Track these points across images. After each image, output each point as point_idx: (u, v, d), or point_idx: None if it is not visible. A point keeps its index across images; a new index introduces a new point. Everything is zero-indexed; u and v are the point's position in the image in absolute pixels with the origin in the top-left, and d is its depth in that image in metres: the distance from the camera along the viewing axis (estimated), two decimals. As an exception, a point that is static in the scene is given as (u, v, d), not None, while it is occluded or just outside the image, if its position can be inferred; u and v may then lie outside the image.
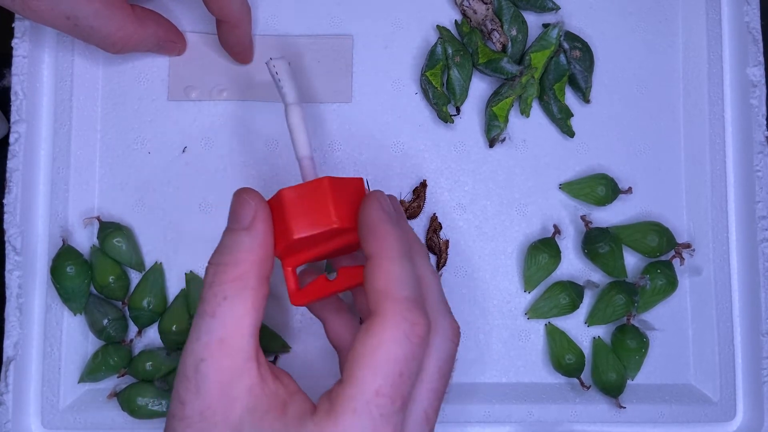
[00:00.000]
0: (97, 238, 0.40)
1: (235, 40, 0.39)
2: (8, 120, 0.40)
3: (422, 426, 0.28)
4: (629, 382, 0.41)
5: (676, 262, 0.41)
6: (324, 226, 0.29)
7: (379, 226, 0.28)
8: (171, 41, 0.40)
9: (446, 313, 0.29)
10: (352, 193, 0.31)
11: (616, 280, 0.41)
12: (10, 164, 0.39)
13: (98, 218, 0.40)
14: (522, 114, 0.42)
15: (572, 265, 0.42)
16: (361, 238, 0.29)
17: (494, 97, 0.41)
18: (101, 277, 0.39)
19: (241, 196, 0.30)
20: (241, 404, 0.27)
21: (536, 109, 0.42)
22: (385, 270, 0.27)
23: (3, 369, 0.38)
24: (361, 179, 0.32)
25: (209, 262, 0.29)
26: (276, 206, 0.30)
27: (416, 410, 0.27)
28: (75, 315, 0.40)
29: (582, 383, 0.40)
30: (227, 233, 0.30)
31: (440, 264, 0.41)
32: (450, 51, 0.41)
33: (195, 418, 0.27)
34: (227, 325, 0.27)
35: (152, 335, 0.41)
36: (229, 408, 0.27)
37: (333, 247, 0.31)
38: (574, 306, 0.40)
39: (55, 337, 0.40)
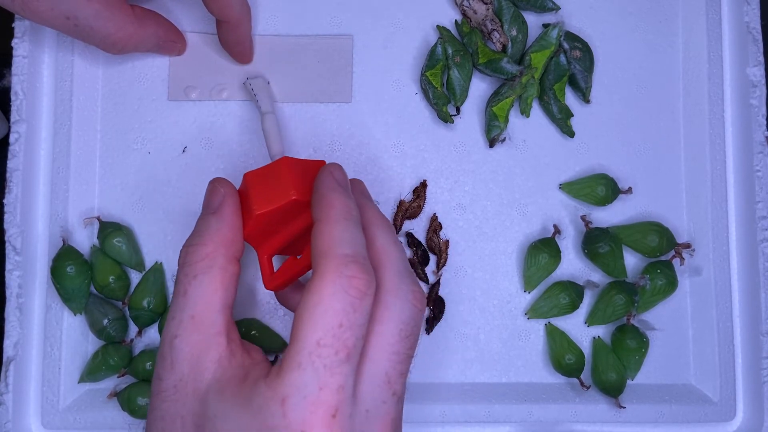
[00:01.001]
0: (97, 238, 0.40)
1: (235, 40, 0.39)
2: (8, 120, 0.40)
3: (383, 387, 0.28)
4: (629, 382, 0.41)
5: (676, 262, 0.41)
6: (283, 199, 0.31)
7: (327, 193, 0.30)
8: (171, 41, 0.40)
9: (408, 279, 0.30)
10: (315, 173, 0.32)
11: (616, 280, 0.41)
12: (10, 164, 0.39)
13: (98, 218, 0.40)
14: (522, 114, 0.42)
15: (572, 265, 0.42)
16: (311, 206, 0.30)
17: (494, 97, 0.41)
18: (101, 277, 0.39)
19: (212, 184, 0.33)
20: (209, 374, 0.28)
21: (536, 109, 0.42)
22: (326, 232, 0.28)
23: (3, 369, 0.38)
24: (323, 162, 0.33)
25: (183, 246, 0.31)
26: (243, 190, 0.32)
27: (375, 370, 0.28)
28: (75, 315, 0.40)
29: (582, 383, 0.40)
30: (199, 219, 0.32)
31: (440, 264, 0.41)
32: (450, 51, 0.41)
33: (170, 391, 0.28)
34: (197, 303, 0.29)
35: (152, 335, 0.41)
36: (198, 379, 0.28)
37: (302, 226, 0.32)
38: (574, 306, 0.40)
39: (55, 337, 0.40)
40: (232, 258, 0.30)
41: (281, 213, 0.32)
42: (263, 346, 0.39)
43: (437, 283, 0.41)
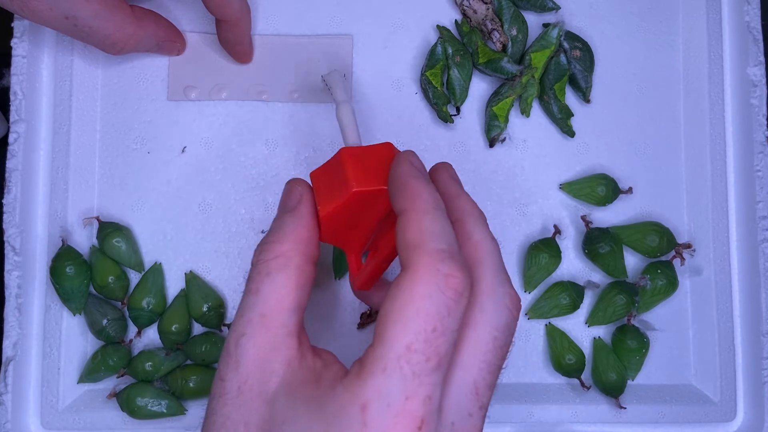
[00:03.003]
0: (97, 238, 0.40)
1: (234, 39, 0.39)
2: (7, 120, 0.40)
3: (469, 398, 0.25)
4: (630, 382, 0.41)
5: (676, 262, 0.41)
6: (344, 194, 0.29)
7: (409, 181, 0.27)
8: (170, 41, 0.40)
9: (505, 280, 0.27)
10: (380, 158, 0.30)
11: (616, 281, 0.41)
12: (9, 164, 0.39)
13: (98, 218, 0.40)
14: (522, 114, 0.42)
15: (572, 265, 0.42)
16: (391, 196, 0.28)
17: (494, 97, 0.41)
18: (101, 277, 0.39)
19: (289, 184, 0.31)
20: (277, 378, 0.26)
21: (536, 109, 0.42)
22: (415, 223, 0.26)
23: (2, 369, 0.38)
24: (389, 144, 0.31)
25: (258, 245, 0.29)
26: (314, 191, 0.31)
27: (463, 379, 0.25)
28: (74, 315, 0.40)
29: (582, 383, 0.40)
30: (275, 219, 0.30)
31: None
32: (450, 51, 0.41)
33: (233, 393, 0.26)
34: (269, 301, 0.27)
35: (152, 335, 0.41)
36: (265, 381, 0.26)
37: (379, 216, 0.31)
38: (574, 306, 0.40)
39: (54, 337, 0.40)
40: (309, 258, 0.28)
41: (349, 208, 0.30)
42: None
43: (437, 283, 0.41)
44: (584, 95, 0.42)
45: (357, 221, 0.31)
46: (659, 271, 0.40)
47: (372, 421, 0.23)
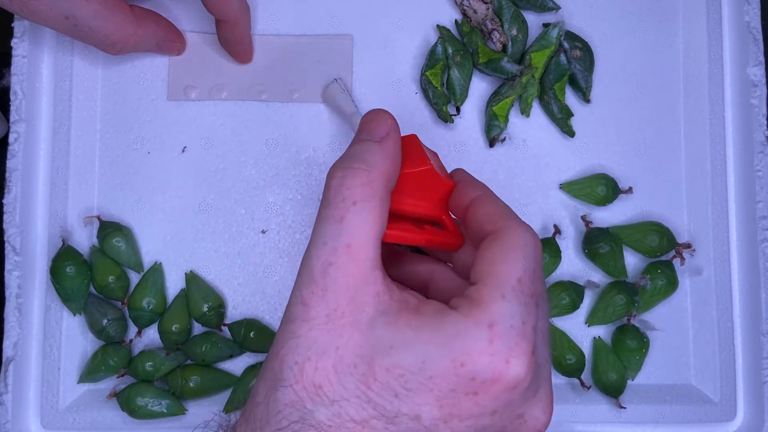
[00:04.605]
0: (97, 238, 0.40)
1: (234, 39, 0.39)
2: (7, 120, 0.40)
3: (546, 347, 0.27)
4: (630, 382, 0.41)
5: (676, 262, 0.41)
6: (421, 165, 0.30)
7: (472, 178, 0.31)
8: (170, 41, 0.40)
9: None
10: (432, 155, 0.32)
11: (616, 280, 0.41)
12: (10, 164, 0.39)
13: (98, 217, 0.40)
14: (522, 114, 0.41)
15: (572, 265, 0.42)
16: (462, 186, 0.31)
17: (494, 97, 0.41)
18: (101, 277, 0.39)
19: (377, 113, 0.30)
20: (370, 308, 0.26)
21: (536, 109, 0.42)
22: (494, 200, 0.29)
23: (2, 369, 0.38)
24: (435, 154, 0.33)
25: (336, 167, 0.28)
26: None
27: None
28: (74, 315, 0.40)
29: (582, 383, 0.40)
30: (358, 143, 0.29)
31: (440, 264, 0.41)
32: (450, 51, 0.41)
33: (320, 319, 0.26)
34: (355, 232, 0.26)
35: (152, 335, 0.41)
36: (358, 311, 0.26)
37: (418, 210, 0.31)
38: (574, 306, 0.40)
39: (54, 337, 0.40)
40: (389, 193, 0.28)
41: (412, 181, 0.30)
42: (263, 347, 0.39)
43: (437, 283, 0.41)
44: (584, 95, 0.42)
45: (402, 197, 0.30)
46: (659, 271, 0.40)
47: (498, 339, 0.24)
